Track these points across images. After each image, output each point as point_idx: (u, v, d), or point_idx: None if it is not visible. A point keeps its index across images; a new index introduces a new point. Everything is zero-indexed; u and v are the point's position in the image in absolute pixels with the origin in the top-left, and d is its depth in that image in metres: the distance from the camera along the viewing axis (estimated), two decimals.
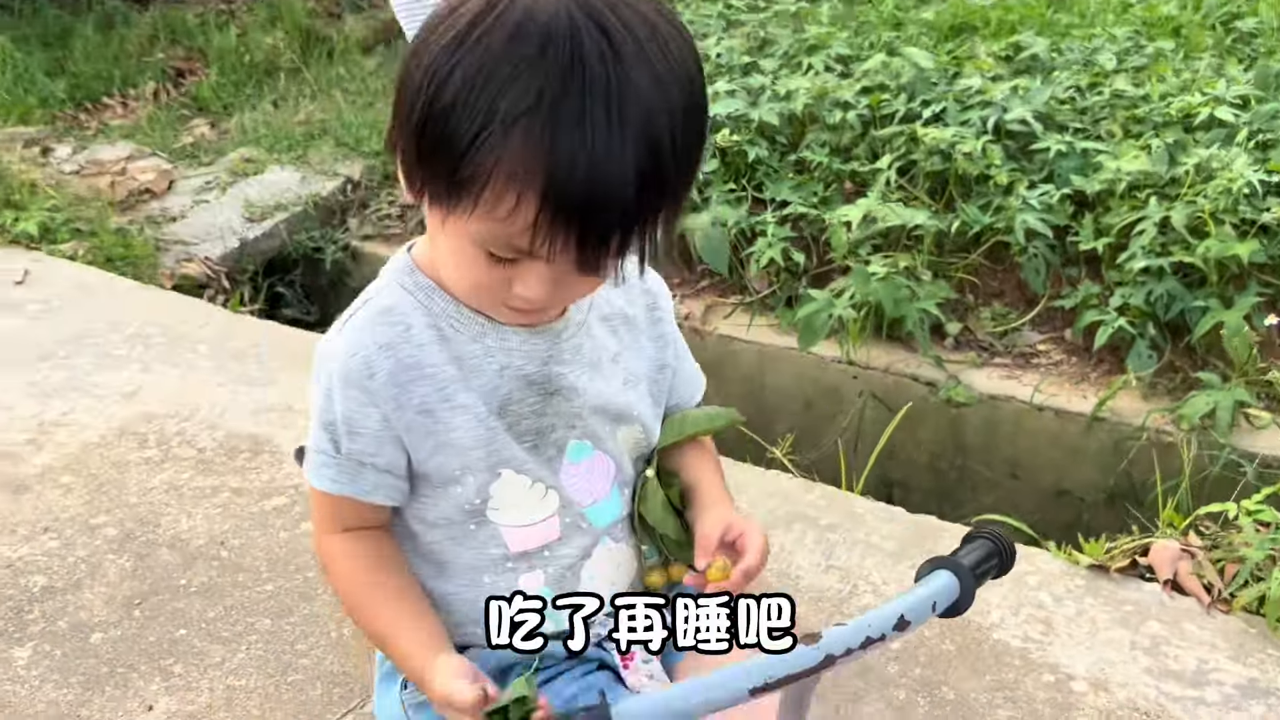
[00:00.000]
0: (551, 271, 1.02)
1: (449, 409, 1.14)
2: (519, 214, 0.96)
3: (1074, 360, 3.46)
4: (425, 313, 1.14)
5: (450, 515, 1.19)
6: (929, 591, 1.07)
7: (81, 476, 2.62)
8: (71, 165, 4.81)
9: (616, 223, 0.97)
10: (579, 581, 1.23)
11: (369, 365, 1.11)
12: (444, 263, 1.10)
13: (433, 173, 1.00)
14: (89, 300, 3.43)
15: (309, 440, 1.18)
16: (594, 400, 1.20)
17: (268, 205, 4.38)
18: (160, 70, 5.89)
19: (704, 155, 1.07)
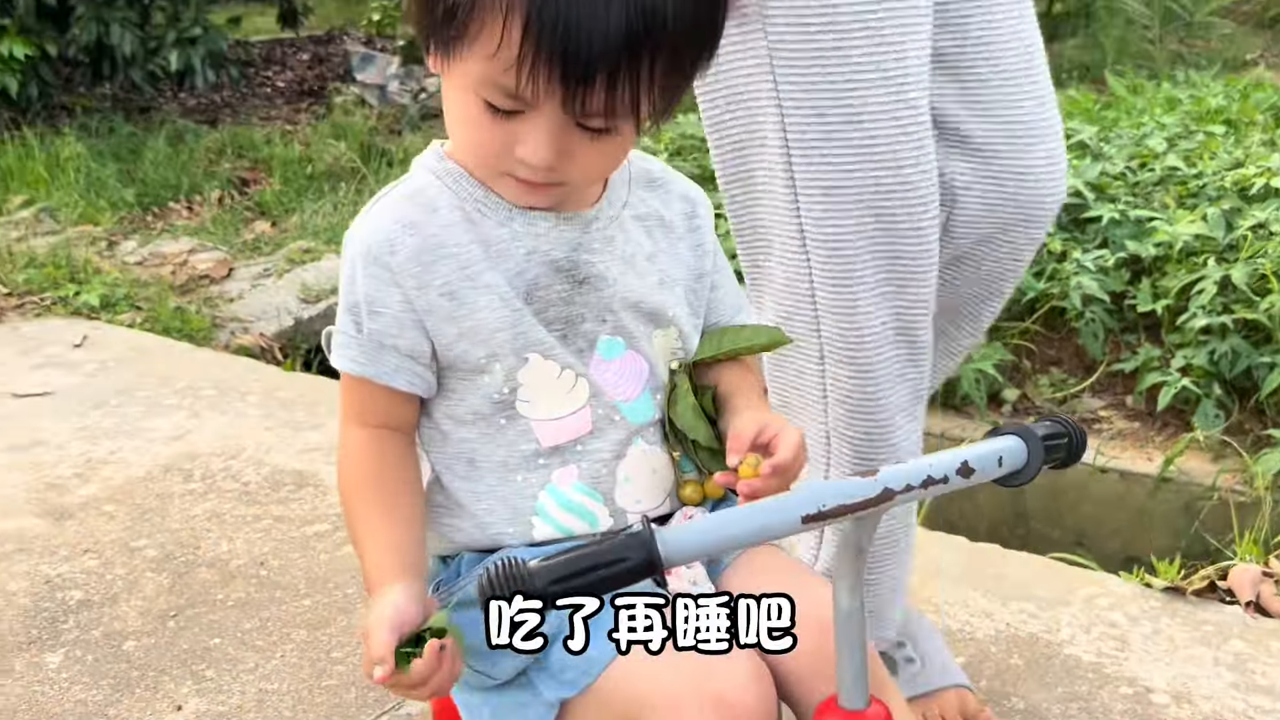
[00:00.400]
0: (550, 125, 1.00)
1: (473, 289, 1.10)
2: (504, 45, 0.94)
3: (1137, 425, 3.36)
4: (453, 195, 1.12)
5: (480, 409, 1.15)
6: (996, 446, 1.01)
7: (125, 505, 2.59)
8: (135, 258, 4.93)
9: (600, 59, 0.94)
10: (614, 481, 1.17)
11: (391, 242, 1.09)
12: (452, 131, 1.08)
13: (430, 9, 1.00)
14: (144, 360, 3.47)
15: (335, 325, 1.16)
16: (625, 293, 1.16)
17: (323, 288, 4.44)
18: (225, 179, 6.09)
19: (720, 19, 1.05)
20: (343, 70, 8.53)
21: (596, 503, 1.16)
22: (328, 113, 7.26)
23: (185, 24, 6.95)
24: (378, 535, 1.11)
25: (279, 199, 5.77)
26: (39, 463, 2.79)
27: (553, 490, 1.15)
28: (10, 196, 5.52)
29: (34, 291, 4.10)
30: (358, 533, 1.14)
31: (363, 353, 1.12)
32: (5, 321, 3.86)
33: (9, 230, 4.89)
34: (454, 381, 1.15)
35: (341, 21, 10.93)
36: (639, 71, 0.96)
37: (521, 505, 1.15)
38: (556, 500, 1.15)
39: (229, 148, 6.48)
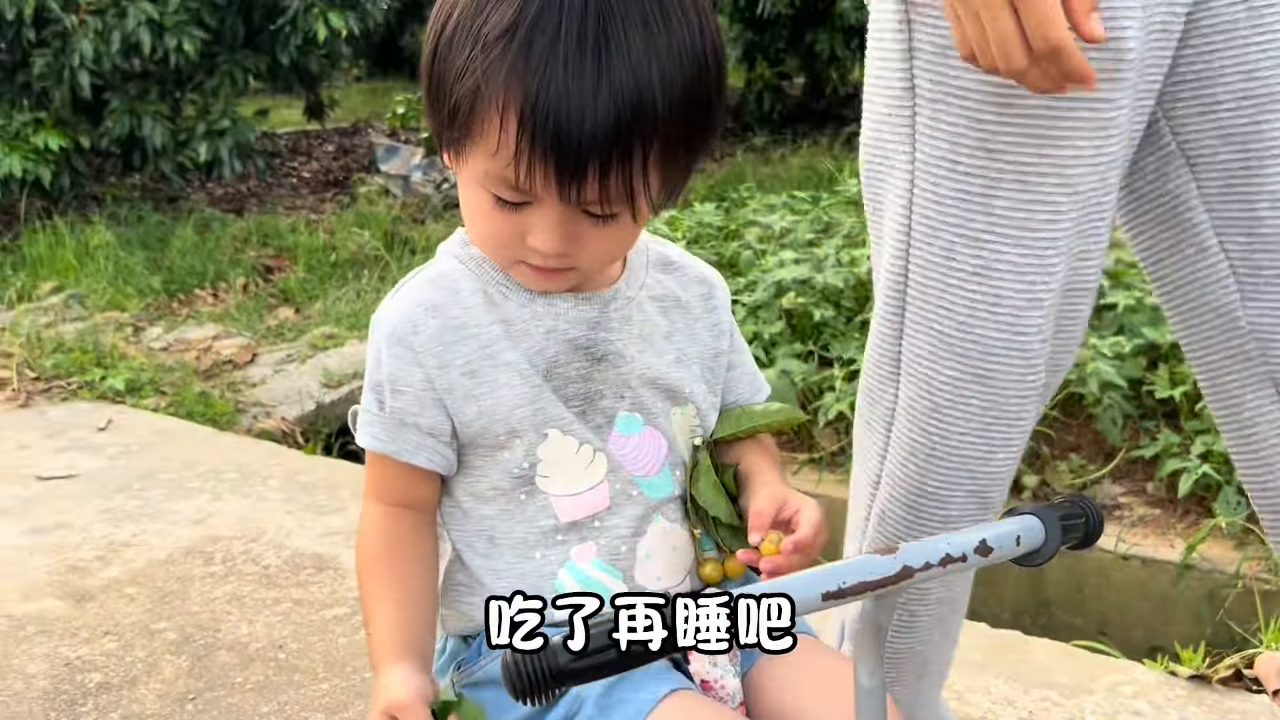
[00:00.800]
0: (555, 214, 1.03)
1: (493, 367, 1.13)
2: (503, 142, 0.98)
3: (1158, 512, 3.34)
4: (475, 279, 1.15)
5: (500, 484, 1.17)
6: (1014, 526, 1.03)
7: (146, 588, 2.60)
8: (160, 343, 5.01)
9: (591, 152, 0.97)
10: (635, 558, 1.18)
11: (414, 324, 1.12)
12: (468, 223, 1.12)
13: (438, 112, 1.05)
14: (167, 444, 3.50)
15: (361, 403, 1.19)
16: (643, 370, 1.19)
17: (345, 373, 4.49)
18: (250, 266, 6.20)
19: (717, 105, 1.07)
20: (367, 161, 8.71)
21: (615, 580, 1.16)
22: (352, 202, 7.40)
23: (215, 116, 7.13)
24: (386, 613, 1.13)
25: (303, 286, 5.86)
26: (62, 545, 2.81)
27: (572, 567, 1.16)
28: (40, 283, 5.63)
29: (61, 376, 4.16)
30: (368, 609, 1.16)
31: (384, 430, 1.14)
32: (32, 405, 3.91)
33: (38, 316, 4.98)
34: (475, 458, 1.17)
35: (366, 114, 11.19)
36: (631, 160, 0.99)
37: (541, 583, 1.16)
38: (575, 577, 1.16)
39: (254, 236, 6.60)
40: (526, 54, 0.96)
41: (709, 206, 5.33)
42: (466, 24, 1.00)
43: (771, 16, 8.78)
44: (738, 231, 4.92)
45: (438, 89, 1.04)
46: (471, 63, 0.98)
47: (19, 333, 4.56)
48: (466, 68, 0.99)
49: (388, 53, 14.91)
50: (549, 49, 0.96)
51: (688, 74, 1.01)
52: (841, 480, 3.62)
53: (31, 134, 6.49)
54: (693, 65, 1.01)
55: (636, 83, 0.97)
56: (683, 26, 1.01)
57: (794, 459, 3.74)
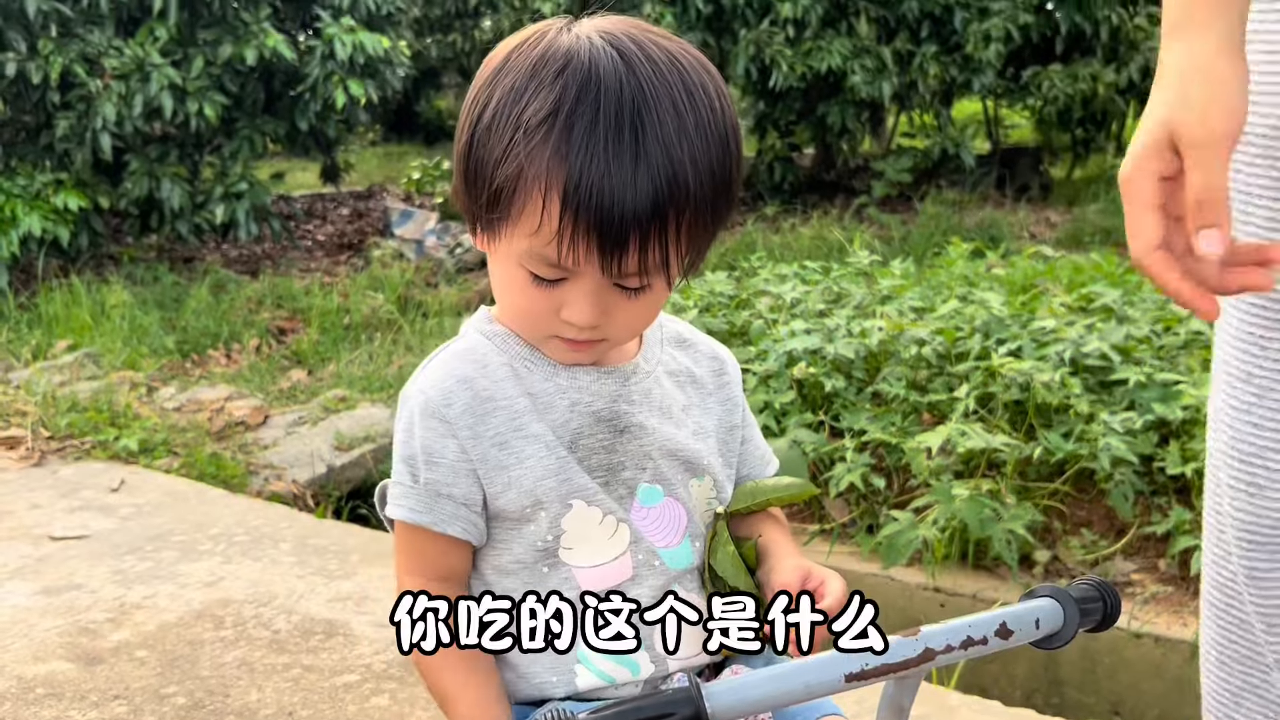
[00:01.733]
0: (591, 287, 1.07)
1: (521, 439, 1.16)
2: (545, 221, 1.02)
3: (1171, 589, 3.33)
4: (501, 353, 1.19)
5: (523, 558, 1.18)
6: (1033, 608, 1.04)
7: (156, 651, 2.60)
8: (174, 403, 5.03)
9: (632, 226, 1.02)
10: (651, 630, 1.19)
11: (447, 396, 1.15)
12: (500, 300, 1.16)
13: (476, 194, 1.08)
14: (179, 505, 3.51)
15: (391, 478, 1.21)
16: (663, 442, 1.22)
17: (356, 437, 4.51)
18: (264, 328, 6.25)
19: (737, 177, 1.13)
20: (381, 225, 8.80)
21: (639, 650, 1.18)
22: (366, 265, 7.47)
23: (232, 179, 7.23)
24: (464, 693, 1.15)
25: (315, 348, 5.89)
26: (73, 606, 2.81)
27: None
28: (55, 341, 5.68)
29: (75, 435, 4.18)
30: (441, 685, 1.16)
31: (420, 502, 1.16)
32: (46, 464, 3.93)
33: (53, 374, 5.01)
34: (501, 531, 1.19)
35: (381, 178, 11.33)
36: (666, 232, 1.05)
37: (564, 658, 1.17)
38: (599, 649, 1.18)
39: (268, 298, 6.65)
40: (568, 138, 1.01)
41: (720, 275, 5.38)
42: (506, 111, 1.04)
43: (783, 89, 8.92)
44: (749, 300, 4.95)
45: (476, 173, 1.08)
46: (514, 147, 1.03)
47: (34, 391, 4.59)
48: (509, 152, 1.03)
49: (403, 118, 15.14)
50: (588, 133, 1.01)
51: (714, 151, 1.06)
52: (852, 552, 3.61)
53: (52, 194, 6.59)
54: (718, 143, 1.07)
55: (670, 161, 1.03)
56: (706, 108, 1.06)
57: (805, 530, 3.73)
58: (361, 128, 10.14)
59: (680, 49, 1.09)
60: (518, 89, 1.04)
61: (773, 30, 8.81)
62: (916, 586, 3.44)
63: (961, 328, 4.16)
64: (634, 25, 1.09)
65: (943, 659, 0.96)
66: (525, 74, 1.04)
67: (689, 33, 8.77)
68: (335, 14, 7.54)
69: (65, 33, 6.81)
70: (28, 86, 6.71)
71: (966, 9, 9.20)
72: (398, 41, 7.73)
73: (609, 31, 1.06)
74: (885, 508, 3.66)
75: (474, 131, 1.07)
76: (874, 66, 8.92)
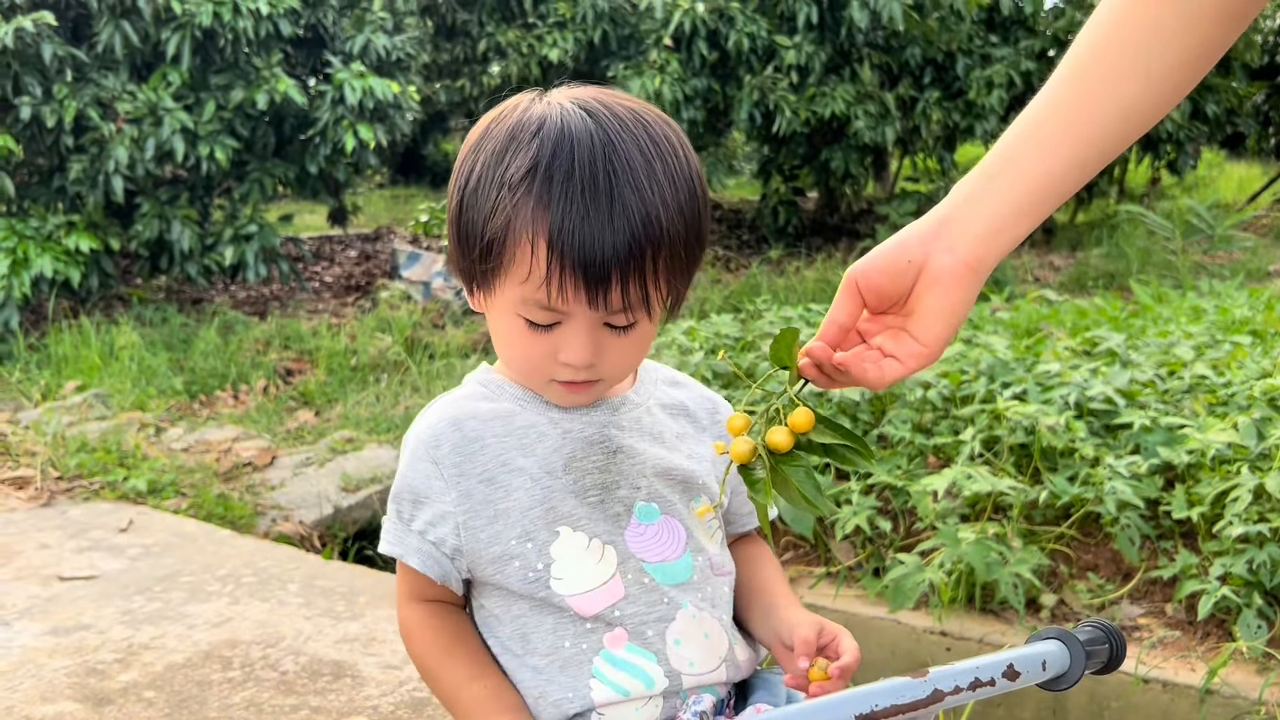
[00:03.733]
0: (583, 327, 1.13)
1: (508, 473, 1.22)
2: (534, 268, 1.10)
3: (1178, 634, 3.32)
4: (494, 397, 1.26)
5: (518, 590, 1.22)
6: (1040, 650, 1.06)
7: (164, 693, 2.60)
8: (182, 444, 5.05)
9: (613, 264, 1.09)
10: (665, 643, 1.22)
11: (436, 438, 1.23)
12: (501, 352, 1.23)
13: (469, 251, 1.16)
14: (187, 545, 3.52)
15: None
16: (656, 461, 1.26)
17: (363, 478, 4.52)
18: (271, 369, 6.28)
19: (705, 217, 1.20)
20: (389, 267, 8.86)
21: (650, 662, 1.21)
22: (373, 307, 7.51)
23: (242, 221, 7.30)
24: (472, 690, 1.20)
25: (323, 389, 5.92)
26: (81, 647, 2.82)
27: (607, 654, 1.21)
28: (65, 382, 5.71)
29: (84, 475, 4.20)
30: (448, 692, 1.22)
31: (397, 536, 1.24)
32: (55, 504, 3.94)
33: (62, 415, 5.03)
34: (490, 568, 1.23)
35: (388, 220, 11.41)
36: (644, 269, 1.12)
37: (578, 672, 1.21)
38: (611, 662, 1.21)
39: (276, 339, 6.69)
40: (548, 189, 1.09)
41: (726, 317, 5.41)
42: (490, 172, 1.13)
43: (787, 134, 9.00)
44: (754, 343, 4.98)
45: (468, 232, 1.16)
46: (500, 203, 1.11)
47: (43, 431, 4.61)
48: (496, 207, 1.12)
49: (410, 161, 15.27)
50: (565, 183, 1.09)
51: (682, 193, 1.14)
52: (859, 595, 3.61)
53: (64, 236, 6.65)
54: (685, 186, 1.15)
55: (643, 203, 1.10)
56: (671, 155, 1.15)
57: (811, 573, 3.73)
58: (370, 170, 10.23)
59: (643, 107, 1.17)
60: (499, 152, 1.13)
61: (776, 76, 8.91)
62: (923, 630, 3.44)
63: (966, 371, 4.18)
64: (600, 91, 1.19)
65: (951, 700, 0.97)
66: (505, 139, 1.14)
67: (694, 79, 8.87)
68: (346, 59, 7.64)
69: (80, 77, 6.90)
70: (42, 130, 6.80)
71: (969, 56, 9.31)
72: (407, 86, 7.83)
73: (577, 97, 1.16)
74: (891, 551, 3.66)
75: (462, 195, 1.16)
76: (877, 112, 9.01)
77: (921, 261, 1.05)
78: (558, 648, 1.21)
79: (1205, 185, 13.14)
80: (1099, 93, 1.01)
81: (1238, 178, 13.81)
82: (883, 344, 1.08)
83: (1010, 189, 1.03)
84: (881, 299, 1.08)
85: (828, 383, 1.10)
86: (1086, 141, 1.02)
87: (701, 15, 8.71)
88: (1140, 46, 0.99)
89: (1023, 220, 1.04)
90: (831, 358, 1.07)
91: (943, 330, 1.05)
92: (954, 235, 1.04)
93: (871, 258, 1.08)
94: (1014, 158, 1.04)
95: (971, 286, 1.05)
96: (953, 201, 1.07)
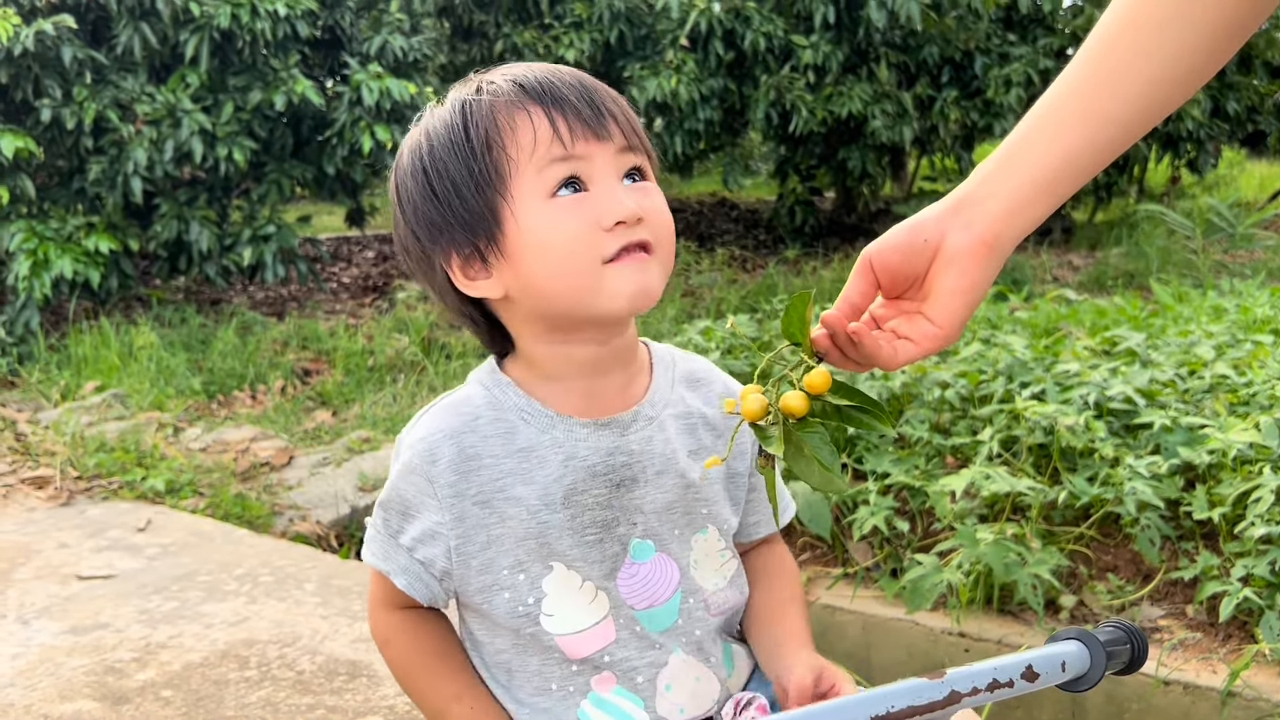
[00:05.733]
0: (611, 170, 1.13)
1: (503, 500, 1.17)
2: (537, 125, 1.11)
3: (1199, 636, 3.29)
4: (496, 406, 1.20)
5: (506, 623, 1.20)
6: (1059, 650, 1.04)
7: (181, 691, 2.61)
8: (199, 444, 5.07)
9: (592, 92, 1.15)
10: (655, 690, 1.20)
11: (432, 451, 1.17)
12: (547, 269, 1.12)
13: (464, 199, 1.13)
14: (205, 545, 3.53)
15: (370, 519, 1.26)
16: (659, 495, 1.21)
17: (380, 478, 4.53)
18: (289, 370, 6.30)
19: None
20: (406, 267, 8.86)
21: (638, 707, 1.18)
22: (391, 307, 7.53)
23: (260, 222, 7.32)
24: (454, 707, 1.19)
25: (340, 389, 5.93)
26: (99, 646, 2.83)
27: (594, 698, 1.19)
28: (84, 382, 5.74)
29: (102, 475, 4.22)
30: (431, 699, 1.21)
31: (382, 549, 1.21)
32: (73, 504, 3.96)
33: (81, 415, 5.06)
34: (481, 596, 1.19)
35: None
36: (615, 99, 1.17)
37: (564, 714, 1.19)
38: (597, 705, 1.19)
39: (294, 339, 6.71)
40: (505, 91, 1.14)
41: (742, 317, 5.40)
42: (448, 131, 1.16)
43: (804, 133, 8.97)
44: (770, 343, 4.97)
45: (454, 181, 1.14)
46: (477, 116, 1.14)
47: (63, 431, 4.64)
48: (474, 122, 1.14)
49: None
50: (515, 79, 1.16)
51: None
52: (876, 596, 3.59)
53: (83, 237, 6.68)
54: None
55: (577, 71, 1.19)
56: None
57: (828, 574, 3.72)
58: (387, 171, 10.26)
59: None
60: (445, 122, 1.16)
61: (793, 76, 8.89)
62: (941, 631, 3.42)
63: (985, 371, 4.16)
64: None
65: (969, 701, 0.96)
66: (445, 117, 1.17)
67: (710, 79, 8.86)
68: (363, 61, 7.66)
69: (99, 79, 6.94)
70: (62, 132, 6.84)
71: (987, 54, 9.26)
72: (424, 87, 7.84)
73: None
74: (909, 551, 3.65)
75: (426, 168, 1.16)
76: (894, 111, 8.97)
77: (938, 240, 1.03)
78: (544, 689, 1.19)
79: (1226, 184, 13.05)
80: (1119, 71, 0.99)
81: (1259, 176, 13.71)
82: (896, 327, 1.06)
83: (1029, 167, 1.01)
84: (896, 279, 1.05)
85: (840, 359, 1.07)
86: (1106, 119, 1.00)
87: (718, 15, 8.69)
88: (1164, 23, 0.97)
89: (1041, 199, 1.01)
90: (845, 326, 1.05)
91: (959, 310, 1.02)
92: (971, 213, 1.02)
93: (887, 237, 1.06)
94: (1033, 137, 1.02)
95: (989, 266, 1.02)
96: (971, 182, 1.05)
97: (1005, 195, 1.01)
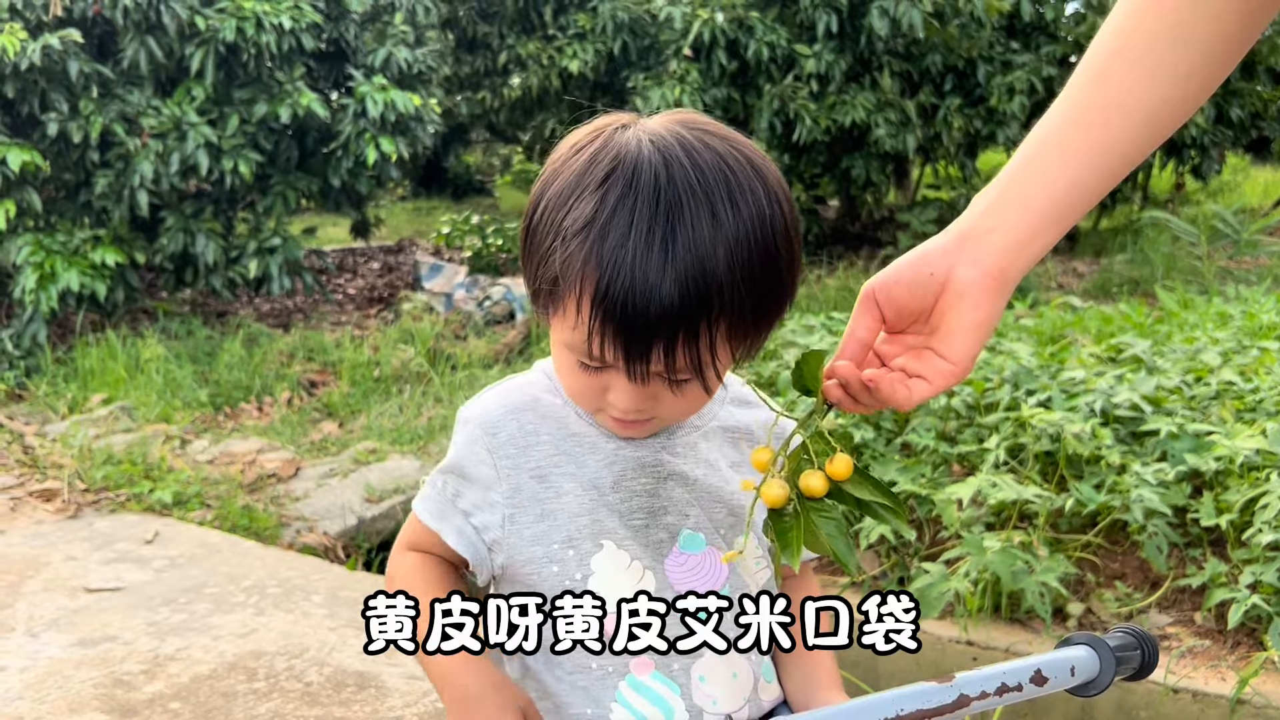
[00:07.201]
0: (630, 382, 1.09)
1: (560, 475, 1.20)
2: (580, 320, 1.05)
3: (1208, 643, 3.28)
4: (555, 394, 1.24)
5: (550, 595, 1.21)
6: (1068, 655, 1.05)
7: (189, 703, 2.61)
8: (206, 456, 5.08)
9: (658, 332, 1.03)
10: (690, 678, 1.21)
11: (495, 425, 1.21)
12: (557, 371, 1.20)
13: (531, 280, 1.14)
14: (212, 557, 3.54)
15: (429, 476, 1.28)
16: (709, 491, 1.23)
17: (386, 489, 4.54)
18: (295, 381, 6.31)
19: (787, 279, 1.11)
20: (411, 278, 8.90)
21: (674, 694, 1.20)
22: (396, 318, 7.54)
23: (266, 234, 7.34)
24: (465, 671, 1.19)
25: (346, 401, 5.94)
26: (108, 658, 2.83)
27: (632, 680, 1.20)
28: (91, 395, 5.75)
29: (110, 488, 4.22)
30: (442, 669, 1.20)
31: (439, 508, 1.23)
32: (81, 517, 3.97)
33: (89, 428, 5.07)
34: (529, 568, 1.21)
35: (410, 232, 11.46)
36: (698, 336, 1.05)
37: (601, 694, 1.20)
38: (635, 688, 1.20)
39: (300, 351, 6.72)
40: (600, 248, 1.03)
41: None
42: (551, 215, 1.08)
43: (808, 142, 8.98)
44: (776, 352, 4.97)
45: (528, 265, 1.13)
46: (552, 253, 1.07)
47: (70, 444, 4.65)
48: (548, 256, 1.07)
49: (432, 173, 15.34)
50: (620, 243, 1.02)
51: (755, 254, 1.05)
52: None
53: (90, 250, 6.70)
54: (760, 246, 1.05)
55: (702, 268, 1.02)
56: (751, 210, 1.05)
57: (835, 582, 3.71)
58: (392, 183, 10.28)
59: (732, 149, 1.08)
60: (564, 193, 1.07)
61: (796, 85, 8.90)
62: (949, 640, 3.41)
63: (990, 378, 4.16)
64: (691, 125, 1.10)
65: (978, 705, 0.96)
66: (574, 178, 1.07)
67: (714, 88, 8.87)
68: (368, 73, 7.68)
69: (105, 93, 6.97)
70: (68, 145, 6.86)
71: (990, 62, 9.28)
72: (428, 99, 7.86)
73: (660, 134, 1.07)
74: (916, 560, 3.64)
75: (529, 225, 1.12)
76: (898, 120, 8.99)
77: (945, 275, 1.01)
78: (584, 667, 1.20)
79: (1230, 190, 13.04)
80: (1121, 95, 0.97)
81: (1263, 182, 13.70)
82: (905, 364, 1.03)
83: (1034, 198, 1.00)
84: (901, 314, 1.03)
85: (854, 405, 1.05)
86: (1110, 147, 0.98)
87: (721, 25, 8.72)
88: (1162, 43, 0.96)
89: (1048, 230, 1.00)
90: (859, 377, 1.02)
91: (973, 344, 1.00)
92: (978, 248, 1.00)
93: (890, 271, 1.03)
94: (1037, 166, 1.00)
95: (1000, 298, 1.01)
96: (974, 213, 1.03)
97: (1010, 228, 1.00)
